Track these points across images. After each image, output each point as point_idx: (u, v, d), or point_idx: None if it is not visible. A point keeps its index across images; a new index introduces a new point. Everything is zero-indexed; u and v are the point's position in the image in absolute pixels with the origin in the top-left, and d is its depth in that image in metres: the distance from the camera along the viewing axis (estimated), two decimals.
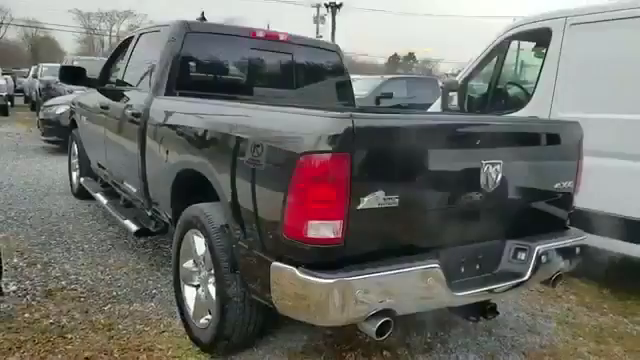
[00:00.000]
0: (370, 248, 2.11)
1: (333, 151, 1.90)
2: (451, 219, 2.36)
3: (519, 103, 4.31)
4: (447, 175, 2.28)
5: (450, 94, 4.55)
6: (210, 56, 3.73)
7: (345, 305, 1.99)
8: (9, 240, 4.34)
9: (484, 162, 2.32)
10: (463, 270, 2.48)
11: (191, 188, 2.86)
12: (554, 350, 3.02)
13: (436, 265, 2.18)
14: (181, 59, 3.52)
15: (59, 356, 2.64)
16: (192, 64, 3.63)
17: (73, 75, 4.81)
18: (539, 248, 2.55)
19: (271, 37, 3.91)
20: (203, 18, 3.80)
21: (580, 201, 3.01)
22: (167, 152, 3.06)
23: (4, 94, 13.73)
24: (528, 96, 4.25)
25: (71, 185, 6.01)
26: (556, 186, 2.74)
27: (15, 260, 3.89)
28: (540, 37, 4.16)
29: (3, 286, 3.26)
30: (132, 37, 4.42)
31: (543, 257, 2.58)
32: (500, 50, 4.48)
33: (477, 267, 2.53)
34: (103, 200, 4.52)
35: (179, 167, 2.92)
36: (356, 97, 9.82)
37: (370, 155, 1.99)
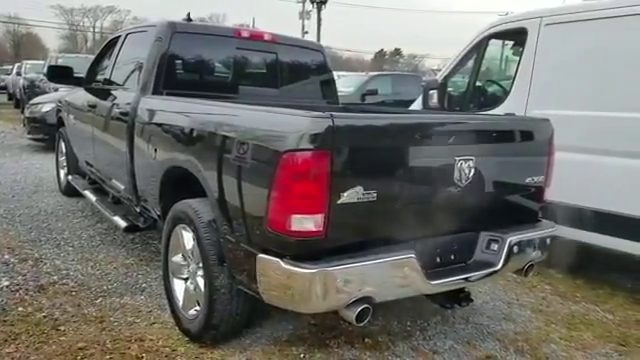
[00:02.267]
0: (350, 240, 2.24)
1: (314, 149, 2.03)
2: (427, 212, 2.50)
3: (497, 100, 4.47)
4: (422, 171, 2.41)
5: (430, 92, 4.70)
6: (196, 56, 3.82)
7: (327, 293, 2.12)
8: (4, 237, 4.40)
9: (457, 158, 2.46)
10: (439, 260, 2.62)
11: (179, 185, 2.96)
12: (527, 336, 3.19)
13: (412, 255, 2.32)
14: (168, 59, 3.61)
15: (53, 347, 2.74)
16: (179, 64, 3.73)
17: (61, 74, 4.87)
18: (511, 239, 2.71)
19: (256, 37, 4.02)
20: (189, 19, 3.88)
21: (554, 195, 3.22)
22: (155, 150, 3.16)
23: None
24: (506, 93, 4.41)
25: (59, 183, 6.06)
26: (527, 180, 2.89)
27: (6, 256, 3.96)
28: (517, 36, 4.32)
29: None
30: (119, 37, 4.49)
31: (515, 248, 2.73)
32: (479, 48, 4.64)
33: (452, 257, 2.67)
34: (92, 197, 4.60)
35: (167, 164, 3.03)
36: (342, 94, 9.96)
37: (349, 152, 2.12)
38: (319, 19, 25.74)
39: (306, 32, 25.54)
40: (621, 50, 3.72)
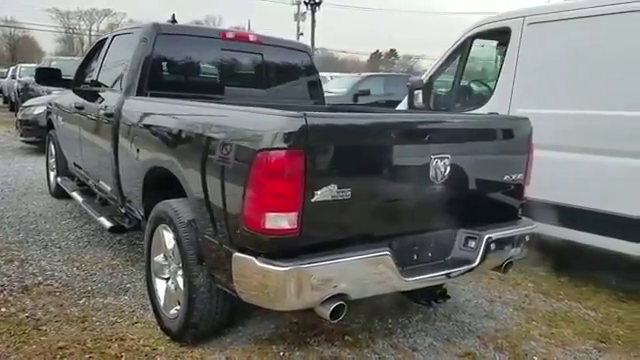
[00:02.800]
0: (325, 238, 2.27)
1: (288, 148, 2.05)
2: (403, 210, 2.53)
3: (482, 100, 4.51)
4: (397, 169, 2.44)
5: (415, 92, 4.73)
6: (181, 57, 3.85)
7: (301, 291, 2.14)
8: None
9: (433, 156, 2.49)
10: (416, 257, 2.65)
11: (160, 185, 2.98)
12: (508, 333, 3.21)
13: (387, 253, 2.34)
14: (152, 60, 3.64)
15: (34, 346, 2.75)
16: (163, 65, 3.76)
17: (49, 76, 4.89)
18: (488, 237, 2.73)
19: (241, 38, 4.05)
20: (174, 20, 3.91)
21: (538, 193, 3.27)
22: (138, 151, 3.19)
23: None
24: (490, 93, 4.44)
25: (49, 185, 6.08)
26: (506, 178, 2.92)
27: None
28: (500, 36, 4.36)
29: None
30: (106, 39, 4.52)
31: (492, 245, 2.76)
32: (463, 49, 4.67)
33: (430, 254, 2.70)
34: (79, 198, 4.62)
35: (149, 165, 3.05)
36: (334, 95, 9.98)
37: (323, 151, 2.14)
38: (313, 21, 25.88)
39: (301, 34, 25.66)
40: (602, 49, 3.76)
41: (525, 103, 4.15)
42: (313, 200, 2.12)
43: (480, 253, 2.72)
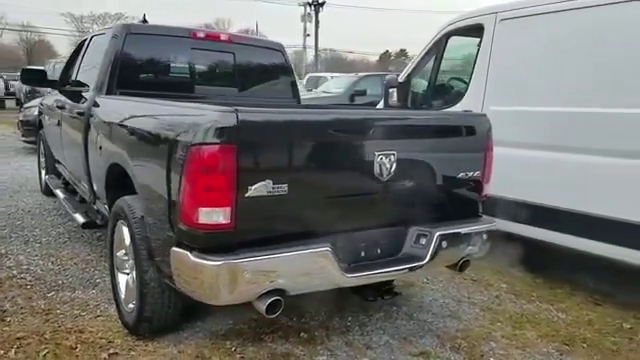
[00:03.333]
0: (263, 233, 2.28)
1: (219, 143, 2.08)
2: (347, 206, 2.54)
3: (456, 98, 4.49)
4: (339, 165, 2.46)
5: (390, 90, 4.73)
6: (151, 56, 3.91)
7: (234, 286, 2.16)
8: None
9: (377, 153, 2.50)
10: (364, 254, 2.66)
11: (119, 182, 3.03)
12: (468, 334, 3.19)
13: (327, 249, 2.35)
14: (121, 59, 3.70)
15: None
16: (133, 64, 3.81)
17: (34, 77, 5.00)
18: (439, 234, 2.73)
19: (212, 37, 4.10)
20: (145, 20, 3.97)
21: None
22: (100, 147, 3.25)
23: None
24: (464, 91, 4.42)
25: (40, 183, 6.21)
26: (461, 176, 2.91)
27: None
28: (474, 32, 4.34)
29: None
30: (86, 39, 4.60)
31: (444, 242, 2.75)
32: (438, 46, 4.66)
33: (379, 251, 2.71)
34: (61, 195, 4.72)
35: (109, 162, 3.11)
36: (332, 95, 9.95)
37: (255, 147, 2.17)
38: (317, 21, 25.91)
39: (308, 34, 25.68)
40: (574, 44, 3.72)
41: (498, 100, 4.13)
42: (247, 195, 2.15)
43: (430, 250, 2.71)
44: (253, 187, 2.15)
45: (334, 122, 2.46)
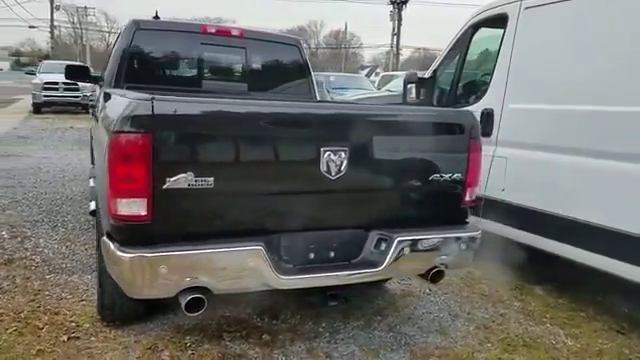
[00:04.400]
0: (189, 228, 2.21)
1: (134, 131, 2.04)
2: (289, 205, 2.39)
3: (477, 96, 4.11)
4: (276, 161, 2.32)
5: (408, 86, 4.44)
6: (159, 51, 3.99)
7: (151, 279, 2.11)
8: (12, 216, 4.94)
9: (323, 149, 2.32)
10: (313, 256, 2.49)
11: None
12: (447, 353, 2.89)
13: (258, 248, 2.23)
14: (129, 54, 3.81)
15: None
16: (140, 58, 3.91)
17: (78, 73, 5.33)
18: (399, 239, 2.50)
19: (222, 32, 4.09)
20: (157, 17, 4.07)
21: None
22: (92, 138, 3.37)
23: (86, 94, 15.19)
24: (486, 88, 4.04)
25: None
26: (434, 177, 2.64)
27: (3, 233, 4.43)
28: (498, 24, 3.94)
29: None
30: (118, 36, 4.83)
31: (405, 249, 2.51)
32: (463, 40, 4.30)
33: (332, 255, 2.53)
34: (91, 183, 4.97)
35: (95, 151, 3.21)
36: (393, 93, 9.61)
37: (174, 137, 2.10)
38: (399, 19, 25.34)
39: (395, 33, 25.23)
40: (607, 32, 3.22)
41: (519, 98, 3.72)
42: (165, 187, 2.08)
43: (388, 256, 2.49)
44: (172, 179, 2.08)
45: (268, 115, 2.31)
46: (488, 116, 3.94)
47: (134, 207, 2.09)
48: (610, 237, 3.09)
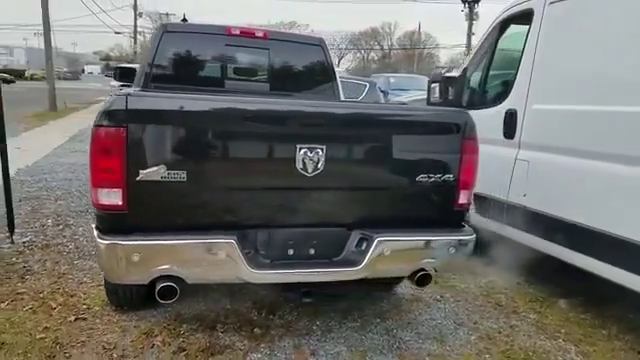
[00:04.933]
0: (164, 219, 2.30)
1: (109, 125, 2.17)
2: (266, 201, 2.43)
3: (502, 95, 3.92)
4: (251, 157, 2.37)
5: (432, 86, 4.31)
6: (185, 52, 4.17)
7: (123, 266, 2.23)
8: (61, 206, 5.36)
9: (299, 146, 2.34)
10: (293, 252, 2.51)
11: None
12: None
13: (231, 241, 2.29)
14: (157, 56, 4.02)
15: (3, 288, 3.32)
16: (167, 60, 4.11)
17: (127, 74, 5.67)
18: (380, 239, 2.46)
19: (246, 34, 4.20)
20: (184, 20, 4.25)
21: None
22: None
23: None
24: (510, 87, 3.84)
25: None
26: (423, 179, 2.56)
27: (49, 221, 4.82)
28: (525, 20, 3.74)
29: (16, 238, 4.15)
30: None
31: (386, 249, 2.47)
32: (492, 37, 4.11)
33: (311, 252, 2.53)
34: None
35: None
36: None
37: (147, 131, 2.20)
38: (471, 18, 24.47)
39: (473, 33, 24.49)
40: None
41: (543, 98, 3.52)
42: (139, 179, 2.19)
43: (367, 256, 2.46)
44: (144, 171, 2.19)
45: (242, 111, 2.36)
46: (511, 117, 3.75)
47: (111, 197, 2.22)
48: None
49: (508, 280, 3.99)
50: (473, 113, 4.18)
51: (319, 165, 2.37)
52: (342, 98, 4.52)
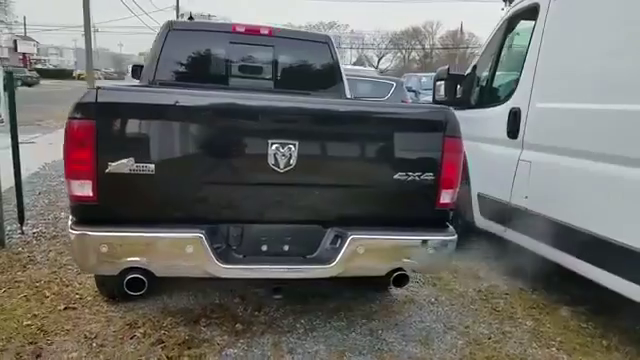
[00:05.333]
0: (133, 211, 2.33)
1: (79, 118, 2.21)
2: (237, 196, 2.42)
3: (508, 94, 3.77)
4: (221, 152, 2.36)
5: (437, 84, 4.19)
6: (190, 50, 4.20)
7: (94, 257, 2.27)
8: None
9: (271, 142, 2.32)
10: (266, 249, 2.50)
11: None
12: None
13: (199, 235, 2.29)
14: (162, 53, 4.08)
15: (4, 276, 3.44)
16: (172, 57, 4.16)
17: (138, 72, 5.79)
18: (353, 237, 2.41)
19: (251, 31, 4.21)
20: (191, 17, 4.29)
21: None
22: None
23: None
24: (515, 85, 3.70)
25: None
26: (400, 177, 2.50)
27: (62, 214, 4.97)
28: (531, 15, 3.59)
29: (27, 229, 4.31)
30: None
31: (360, 248, 2.43)
32: (500, 34, 3.96)
33: (285, 248, 2.51)
34: None
35: None
36: None
37: (115, 125, 2.24)
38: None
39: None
40: None
41: (547, 96, 3.37)
42: (107, 171, 2.23)
43: (340, 254, 2.42)
44: (113, 164, 2.22)
45: (210, 106, 2.35)
46: (515, 116, 3.62)
47: (83, 189, 2.26)
48: None
49: (511, 285, 3.86)
50: (480, 112, 4.12)
51: (291, 161, 2.34)
52: (348, 96, 4.47)
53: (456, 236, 2.61)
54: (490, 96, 4.04)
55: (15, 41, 29.42)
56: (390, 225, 2.54)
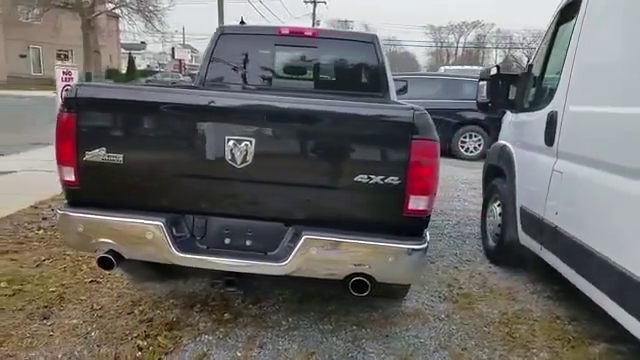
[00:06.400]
0: (108, 196, 2.55)
1: (65, 111, 2.49)
2: (196, 188, 2.53)
3: (549, 97, 3.34)
4: (182, 146, 2.48)
5: (480, 84, 3.83)
6: (238, 52, 4.42)
7: (70, 234, 2.55)
8: None
9: (228, 138, 2.39)
10: (229, 242, 2.57)
11: None
12: None
13: (159, 223, 2.44)
14: (213, 56, 4.37)
15: (57, 249, 3.97)
16: (221, 60, 4.42)
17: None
18: (307, 237, 2.38)
19: (295, 33, 4.30)
20: (242, 22, 4.51)
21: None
22: None
23: None
24: (556, 88, 3.26)
25: None
26: (360, 179, 2.38)
27: None
28: (574, 10, 3.14)
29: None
30: None
31: (314, 248, 2.39)
32: (550, 31, 3.51)
33: (247, 243, 2.56)
34: None
35: None
36: None
37: (91, 118, 2.48)
38: None
39: None
40: None
41: (581, 99, 2.94)
42: (85, 159, 2.48)
43: (293, 253, 2.40)
44: (90, 153, 2.47)
45: (173, 103, 2.46)
46: (552, 120, 3.22)
47: (68, 174, 2.55)
48: None
49: (547, 312, 3.43)
50: (528, 115, 3.72)
51: (247, 157, 2.38)
52: (393, 98, 4.34)
53: (425, 245, 2.42)
54: (536, 98, 3.63)
55: (173, 49, 33.03)
56: (354, 229, 2.44)
